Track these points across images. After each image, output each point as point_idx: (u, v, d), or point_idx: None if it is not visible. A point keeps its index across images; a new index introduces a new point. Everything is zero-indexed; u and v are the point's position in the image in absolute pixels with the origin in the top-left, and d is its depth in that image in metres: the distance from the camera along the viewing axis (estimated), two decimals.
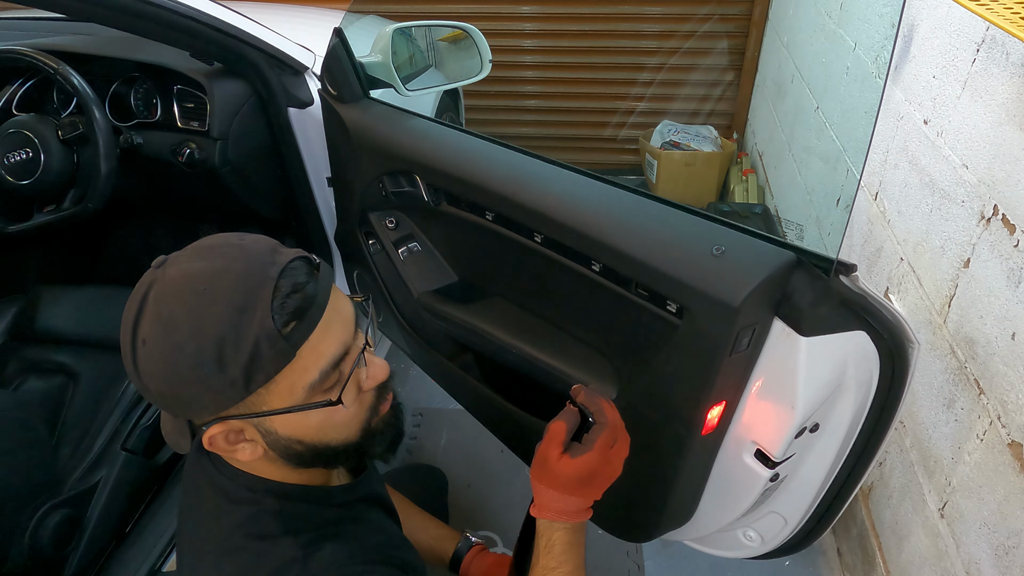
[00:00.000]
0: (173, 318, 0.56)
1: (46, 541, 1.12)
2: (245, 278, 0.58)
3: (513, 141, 1.00)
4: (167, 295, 0.57)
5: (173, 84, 1.40)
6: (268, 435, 0.63)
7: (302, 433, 0.64)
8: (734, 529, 0.99)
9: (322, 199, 1.50)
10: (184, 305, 0.56)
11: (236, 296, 0.57)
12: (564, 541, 0.73)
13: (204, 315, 0.56)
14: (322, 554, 0.64)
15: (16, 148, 1.30)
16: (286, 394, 0.60)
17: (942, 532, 1.12)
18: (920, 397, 1.20)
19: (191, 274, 0.58)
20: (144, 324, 0.57)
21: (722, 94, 3.01)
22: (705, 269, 0.71)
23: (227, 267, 0.58)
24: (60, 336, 1.44)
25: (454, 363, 1.24)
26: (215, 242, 0.62)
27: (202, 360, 0.56)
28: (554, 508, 0.73)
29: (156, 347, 0.56)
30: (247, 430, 0.63)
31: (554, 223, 0.85)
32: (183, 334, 0.56)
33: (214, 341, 0.56)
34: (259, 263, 0.59)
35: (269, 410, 0.60)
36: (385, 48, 1.18)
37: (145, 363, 0.57)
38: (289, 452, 0.65)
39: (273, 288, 0.58)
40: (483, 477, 1.76)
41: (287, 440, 0.64)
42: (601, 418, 0.72)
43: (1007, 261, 0.96)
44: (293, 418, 0.62)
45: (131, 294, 0.59)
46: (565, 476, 0.71)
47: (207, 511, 0.68)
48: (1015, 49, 0.95)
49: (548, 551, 0.72)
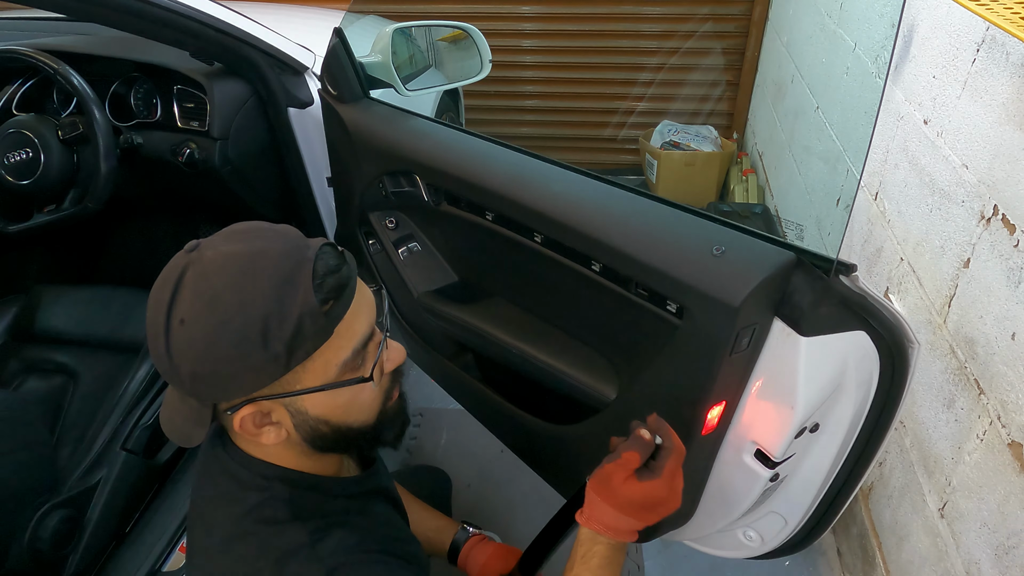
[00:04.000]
0: (217, 296, 0.57)
1: (46, 541, 1.12)
2: (285, 258, 0.60)
3: (513, 141, 1.00)
4: (209, 274, 0.58)
5: (173, 84, 1.40)
6: (297, 415, 0.65)
7: (330, 413, 0.66)
8: (734, 529, 0.99)
9: (322, 199, 1.50)
10: (229, 283, 0.58)
11: (279, 274, 0.59)
12: (603, 556, 0.73)
13: (249, 292, 0.58)
14: (329, 541, 0.65)
15: (16, 148, 1.30)
16: (320, 372, 0.62)
17: (942, 532, 1.12)
18: (920, 397, 1.20)
19: (232, 254, 0.59)
20: (182, 304, 0.57)
21: (722, 94, 3.01)
22: (705, 269, 0.71)
23: (266, 248, 0.60)
24: (60, 336, 1.44)
25: (454, 363, 1.24)
26: (247, 227, 0.64)
27: (246, 335, 0.57)
28: (604, 522, 0.73)
29: (197, 325, 0.57)
30: (275, 411, 0.64)
31: (554, 223, 0.85)
32: (228, 311, 0.57)
33: (260, 317, 0.57)
34: (295, 245, 0.62)
35: (303, 389, 0.62)
36: (385, 48, 1.18)
37: (181, 343, 0.57)
38: (314, 434, 0.67)
39: (312, 268, 0.60)
40: (483, 477, 1.76)
41: (315, 421, 0.66)
42: (669, 443, 0.71)
43: (1007, 261, 0.96)
44: (323, 397, 0.64)
45: (160, 278, 0.60)
46: (628, 498, 0.70)
47: (219, 496, 0.69)
48: (1015, 49, 0.95)
49: (585, 562, 0.73)
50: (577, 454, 1.03)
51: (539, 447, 1.15)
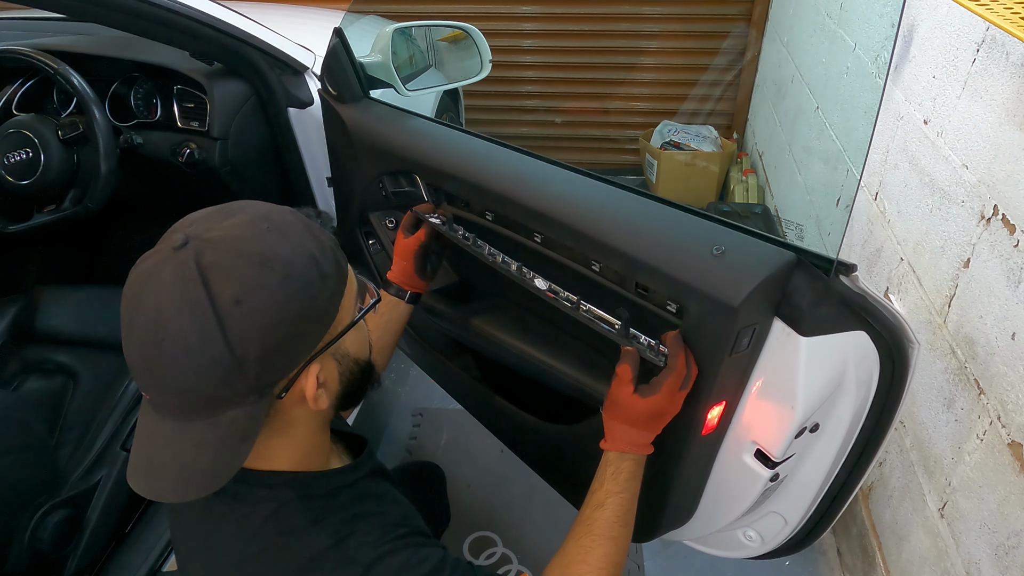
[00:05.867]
0: (266, 258, 0.56)
1: (46, 541, 1.12)
2: (285, 213, 0.62)
3: (513, 141, 1.00)
4: (237, 246, 0.56)
5: (173, 84, 1.40)
6: (343, 361, 0.66)
7: (358, 349, 0.69)
8: (734, 529, 0.99)
9: (322, 199, 1.50)
10: (267, 243, 0.57)
11: (296, 224, 0.61)
12: (629, 471, 0.79)
13: (289, 243, 0.58)
14: (352, 539, 0.64)
15: (16, 148, 1.30)
16: (348, 307, 0.65)
17: (942, 532, 1.12)
18: (920, 397, 1.20)
19: (245, 223, 0.58)
20: (224, 290, 0.53)
21: (722, 94, 3.01)
22: (705, 269, 0.71)
23: (263, 210, 0.61)
24: (60, 336, 1.44)
25: (454, 363, 1.24)
26: (214, 208, 0.62)
27: (308, 282, 0.58)
28: (625, 440, 0.79)
29: (257, 295, 0.54)
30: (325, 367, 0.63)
31: (554, 223, 0.85)
32: (283, 265, 0.56)
33: (310, 260, 0.59)
34: (276, 205, 0.63)
35: (343, 328, 0.64)
36: (385, 48, 1.18)
37: (244, 325, 0.54)
38: (351, 379, 0.68)
39: (307, 215, 0.63)
40: (483, 477, 1.76)
41: (352, 362, 0.68)
42: (672, 363, 0.75)
43: (1007, 261, 0.96)
44: (354, 333, 0.67)
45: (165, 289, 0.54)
46: (636, 412, 0.76)
47: (219, 516, 0.66)
48: (1015, 49, 0.95)
49: (615, 478, 0.78)
50: (577, 454, 1.03)
51: (539, 447, 1.15)
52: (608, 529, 0.76)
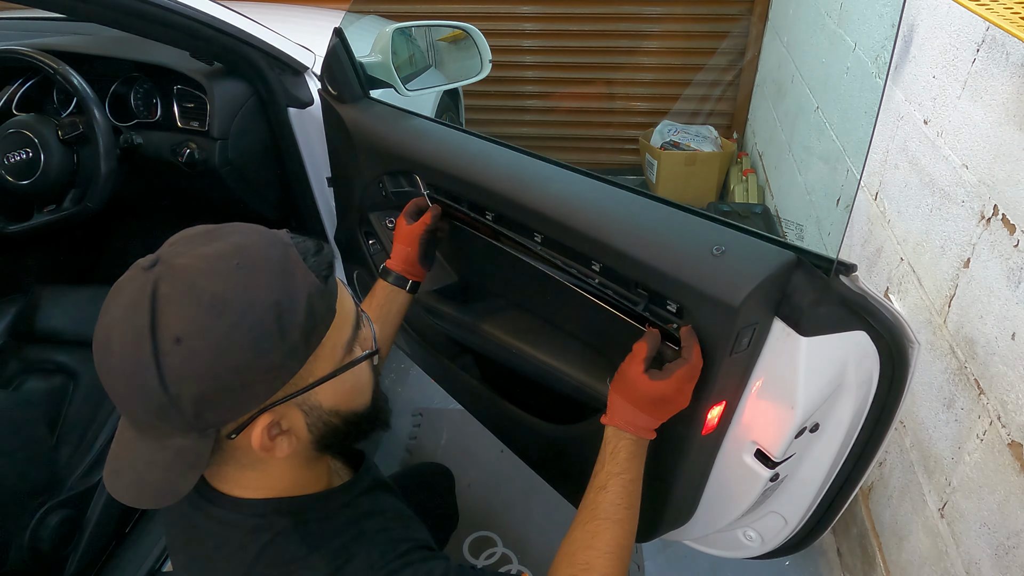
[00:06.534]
0: (219, 298, 0.52)
1: (46, 541, 1.12)
2: (269, 247, 0.57)
3: (513, 141, 1.00)
4: (196, 281, 0.52)
5: (173, 84, 1.40)
6: (312, 413, 0.61)
7: (339, 401, 0.63)
8: (734, 529, 0.99)
9: (322, 199, 1.49)
10: (227, 282, 0.53)
11: (273, 263, 0.55)
12: (628, 451, 0.77)
13: (252, 286, 0.54)
14: (351, 566, 0.62)
15: (16, 148, 1.30)
16: (329, 357, 0.60)
17: (942, 532, 1.12)
18: (920, 397, 1.20)
19: (216, 254, 0.54)
20: (171, 321, 0.51)
21: (722, 94, 3.01)
22: (705, 269, 0.72)
23: (245, 242, 0.56)
24: (60, 336, 1.44)
25: (454, 363, 1.24)
26: (205, 229, 0.58)
27: (261, 333, 0.53)
28: (625, 419, 0.77)
29: (200, 339, 0.51)
30: (287, 416, 0.60)
31: (554, 223, 0.85)
32: (236, 310, 0.52)
33: (270, 308, 0.53)
34: (269, 234, 0.59)
35: (316, 380, 0.59)
36: (385, 48, 1.18)
37: (180, 365, 0.51)
38: (326, 430, 0.63)
39: (296, 251, 0.58)
40: (483, 477, 1.76)
41: (328, 414, 0.62)
42: (688, 355, 0.74)
43: (1007, 261, 0.96)
44: (334, 385, 0.61)
45: (119, 307, 0.53)
46: (641, 393, 0.75)
47: (214, 549, 0.64)
48: (1015, 49, 0.95)
49: (613, 457, 0.77)
50: (577, 454, 1.03)
51: (539, 447, 1.15)
52: (613, 512, 0.74)
